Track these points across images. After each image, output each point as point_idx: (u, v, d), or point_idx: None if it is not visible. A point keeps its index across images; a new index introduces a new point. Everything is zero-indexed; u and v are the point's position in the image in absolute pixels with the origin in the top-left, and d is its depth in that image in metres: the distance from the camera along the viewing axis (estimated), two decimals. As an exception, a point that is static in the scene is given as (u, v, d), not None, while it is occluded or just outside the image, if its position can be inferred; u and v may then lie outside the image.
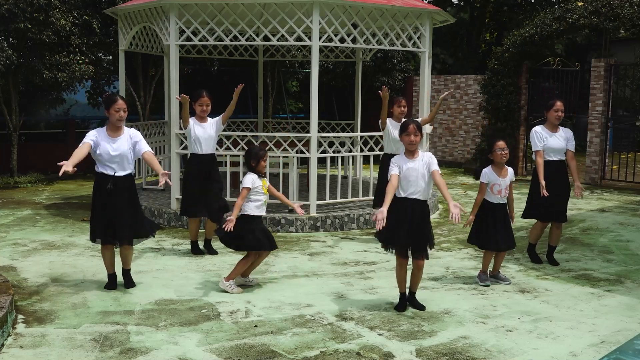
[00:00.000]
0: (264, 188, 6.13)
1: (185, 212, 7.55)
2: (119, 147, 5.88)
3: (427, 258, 5.61)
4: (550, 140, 6.99)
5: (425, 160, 5.51)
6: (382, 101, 7.90)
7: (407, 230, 5.47)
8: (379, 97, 7.97)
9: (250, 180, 6.07)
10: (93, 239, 6.08)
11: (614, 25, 13.26)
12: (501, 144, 6.26)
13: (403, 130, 5.51)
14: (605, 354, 3.88)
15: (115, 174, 5.89)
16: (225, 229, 5.91)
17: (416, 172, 5.45)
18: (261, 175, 6.16)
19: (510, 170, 6.38)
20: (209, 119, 7.48)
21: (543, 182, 6.83)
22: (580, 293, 6.19)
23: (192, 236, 7.58)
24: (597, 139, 13.40)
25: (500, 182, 6.27)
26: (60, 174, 5.34)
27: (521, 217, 7.26)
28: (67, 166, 5.34)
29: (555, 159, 7.03)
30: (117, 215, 5.93)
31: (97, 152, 5.85)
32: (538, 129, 7.07)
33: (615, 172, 13.70)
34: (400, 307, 5.66)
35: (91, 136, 5.85)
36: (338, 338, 4.97)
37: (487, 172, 6.31)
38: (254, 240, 6.03)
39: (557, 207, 7.08)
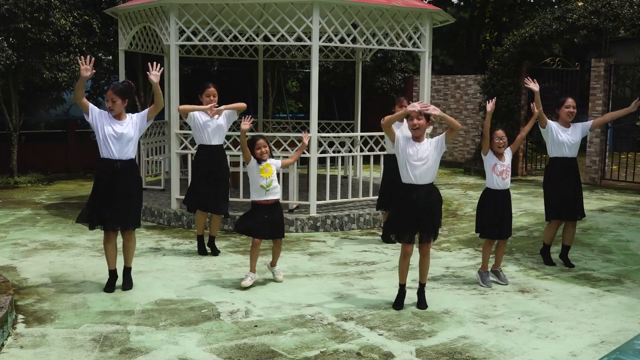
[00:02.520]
0: (263, 172, 6.23)
1: (192, 206, 7.48)
2: (125, 128, 5.89)
3: (435, 238, 5.66)
4: (564, 136, 6.94)
5: (434, 141, 5.52)
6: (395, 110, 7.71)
7: (416, 219, 5.50)
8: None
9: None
10: (82, 220, 6.04)
11: (614, 25, 13.25)
12: (499, 132, 6.31)
13: (407, 116, 5.54)
14: (605, 354, 3.88)
15: (120, 158, 5.87)
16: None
17: (423, 153, 5.44)
18: (262, 160, 6.29)
19: (507, 154, 6.38)
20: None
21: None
22: (580, 293, 6.19)
23: (199, 230, 7.51)
24: (597, 139, 13.40)
25: (500, 162, 6.31)
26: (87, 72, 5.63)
27: (549, 219, 7.20)
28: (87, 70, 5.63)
29: (568, 155, 6.99)
30: (122, 200, 5.92)
31: (103, 132, 5.83)
32: (552, 123, 7.03)
33: (615, 172, 13.71)
34: (398, 303, 5.65)
35: (94, 106, 5.93)
36: (338, 338, 4.97)
37: (490, 153, 6.37)
38: (249, 225, 6.22)
39: (573, 205, 7.06)
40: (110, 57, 14.13)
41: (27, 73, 12.33)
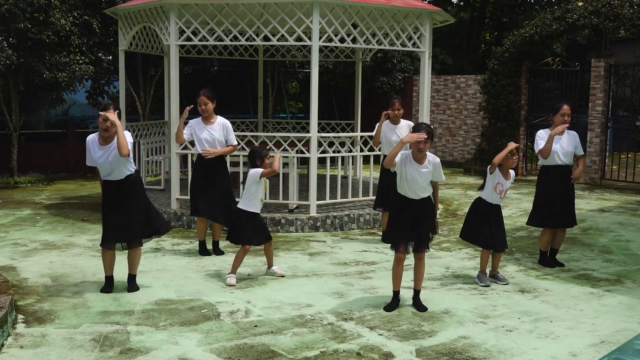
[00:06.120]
0: (264, 186, 6.46)
1: (192, 210, 7.52)
2: (109, 154, 5.74)
3: (428, 249, 5.69)
4: (556, 144, 6.85)
5: (433, 166, 5.57)
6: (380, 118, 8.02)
7: (410, 228, 5.53)
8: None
9: (258, 172, 6.37)
10: (104, 244, 6.01)
11: (614, 25, 13.25)
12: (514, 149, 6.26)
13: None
14: (605, 354, 3.88)
15: (114, 179, 5.85)
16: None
17: (423, 176, 5.51)
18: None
19: (512, 173, 6.44)
20: (217, 118, 7.35)
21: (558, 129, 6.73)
22: (580, 293, 6.19)
23: (200, 236, 7.53)
24: (597, 139, 13.40)
25: (504, 182, 6.33)
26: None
27: (529, 224, 7.24)
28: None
29: (560, 163, 6.89)
30: (127, 217, 5.90)
31: (89, 162, 5.84)
32: (542, 133, 6.95)
33: (615, 172, 13.70)
34: (390, 306, 5.64)
35: (89, 154, 5.82)
36: (338, 338, 4.97)
37: (497, 172, 6.36)
38: (246, 236, 6.38)
39: (565, 213, 7.00)
40: (110, 57, 14.14)
41: (27, 73, 12.32)
